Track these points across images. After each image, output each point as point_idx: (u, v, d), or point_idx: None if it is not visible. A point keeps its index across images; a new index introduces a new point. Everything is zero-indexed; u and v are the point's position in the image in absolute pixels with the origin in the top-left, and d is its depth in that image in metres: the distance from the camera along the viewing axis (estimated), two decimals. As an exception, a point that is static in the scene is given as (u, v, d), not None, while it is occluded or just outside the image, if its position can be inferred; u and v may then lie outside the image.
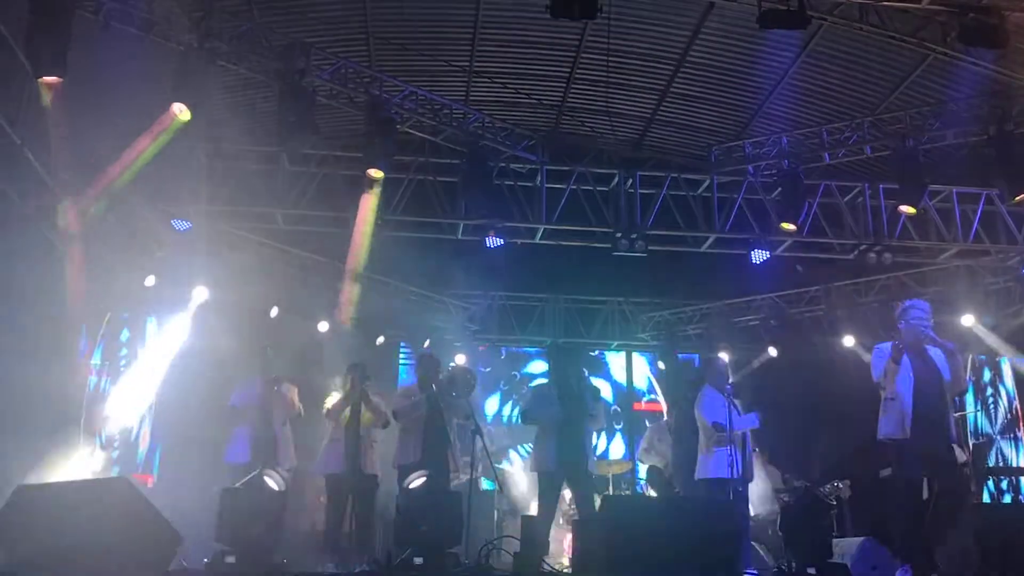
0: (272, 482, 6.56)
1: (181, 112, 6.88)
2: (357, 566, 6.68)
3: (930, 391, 5.54)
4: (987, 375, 11.60)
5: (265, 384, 7.42)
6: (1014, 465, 11.11)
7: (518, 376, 12.59)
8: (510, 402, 12.44)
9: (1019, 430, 11.29)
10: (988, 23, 6.24)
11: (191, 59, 6.89)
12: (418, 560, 5.10)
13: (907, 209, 8.38)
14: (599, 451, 11.35)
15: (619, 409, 12.43)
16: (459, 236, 9.24)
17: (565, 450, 6.57)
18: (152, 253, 8.70)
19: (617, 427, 12.33)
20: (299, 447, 7.76)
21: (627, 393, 12.63)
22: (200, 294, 9.17)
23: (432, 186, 9.03)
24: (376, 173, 7.99)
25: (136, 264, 8.73)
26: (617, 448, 12.21)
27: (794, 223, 8.67)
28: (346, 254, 9.10)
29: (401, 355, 11.95)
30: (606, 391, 12.14)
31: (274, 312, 10.02)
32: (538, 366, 12.58)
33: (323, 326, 10.42)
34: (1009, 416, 11.37)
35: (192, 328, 9.18)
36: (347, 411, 7.18)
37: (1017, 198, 7.73)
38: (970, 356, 11.02)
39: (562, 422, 6.64)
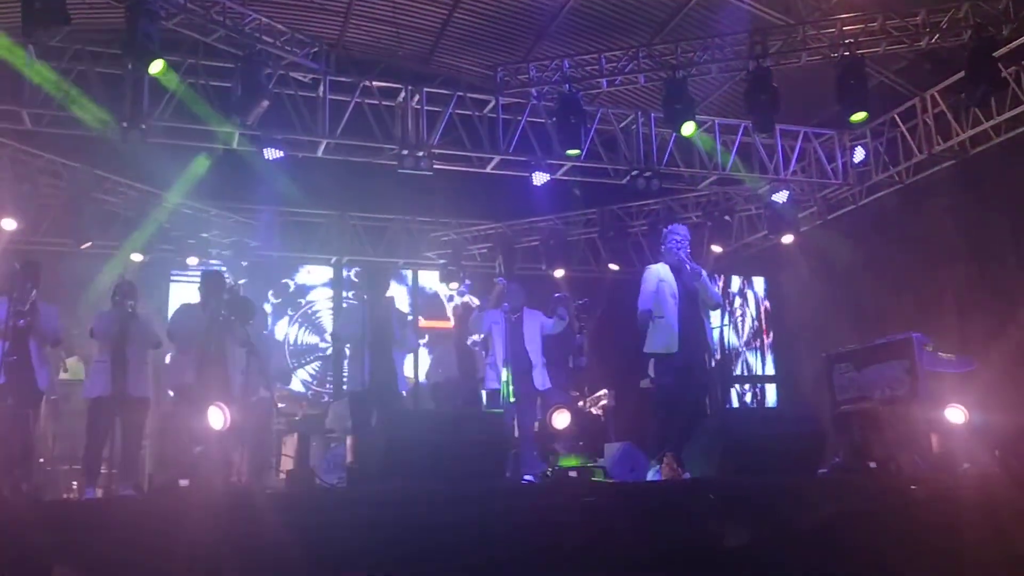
0: None
1: None
2: (121, 490, 6.42)
3: (690, 309, 6.11)
4: (738, 292, 12.80)
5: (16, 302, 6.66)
6: (757, 373, 12.45)
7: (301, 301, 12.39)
8: (296, 324, 12.22)
9: (764, 338, 12.60)
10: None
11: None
12: (184, 482, 4.93)
13: (689, 128, 8.74)
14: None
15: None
16: (234, 146, 8.75)
17: (375, 371, 6.63)
18: None
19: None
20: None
21: (413, 312, 12.75)
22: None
23: (204, 91, 8.42)
24: (156, 66, 7.32)
25: None
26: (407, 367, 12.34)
27: (576, 148, 8.93)
28: (105, 159, 8.33)
29: (173, 274, 11.30)
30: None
31: (10, 225, 9.03)
32: (322, 293, 12.48)
33: (86, 245, 9.58)
34: (755, 327, 12.65)
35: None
36: (113, 332, 6.69)
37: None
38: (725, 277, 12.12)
39: (371, 344, 6.66)
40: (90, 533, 3.72)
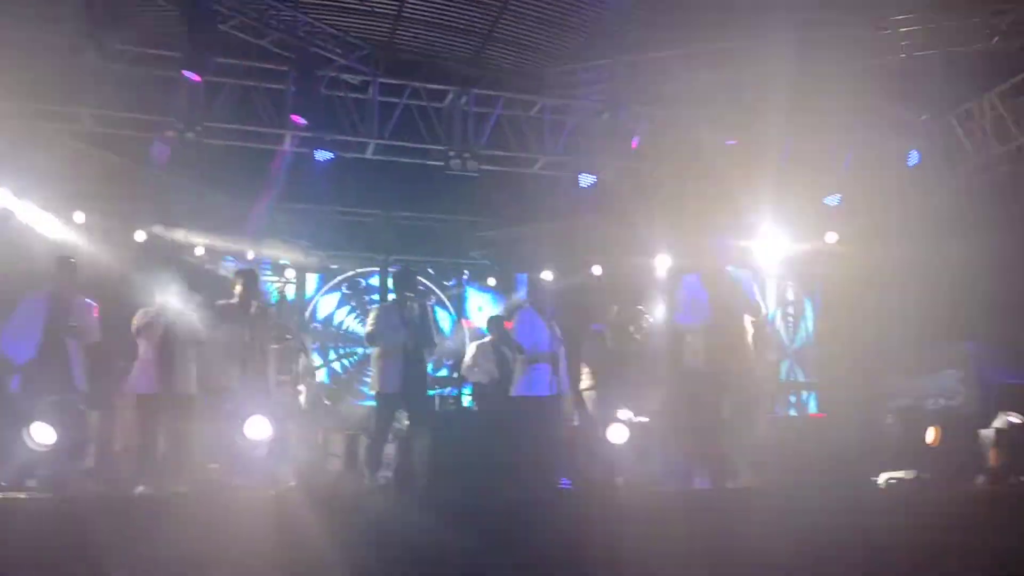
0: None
1: None
2: (172, 487, 6.49)
3: (727, 320, 5.98)
4: (791, 295, 12.56)
5: (54, 298, 6.75)
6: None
7: (363, 283, 12.69)
8: (347, 307, 12.52)
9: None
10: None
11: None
12: (237, 481, 5.02)
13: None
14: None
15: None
16: (286, 147, 8.88)
17: (410, 375, 6.55)
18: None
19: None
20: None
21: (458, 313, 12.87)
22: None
23: (257, 93, 8.58)
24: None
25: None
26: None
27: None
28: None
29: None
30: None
31: (80, 218, 9.06)
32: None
33: (139, 235, 9.75)
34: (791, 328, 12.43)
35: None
36: (161, 328, 6.75)
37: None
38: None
39: (408, 347, 6.61)
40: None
